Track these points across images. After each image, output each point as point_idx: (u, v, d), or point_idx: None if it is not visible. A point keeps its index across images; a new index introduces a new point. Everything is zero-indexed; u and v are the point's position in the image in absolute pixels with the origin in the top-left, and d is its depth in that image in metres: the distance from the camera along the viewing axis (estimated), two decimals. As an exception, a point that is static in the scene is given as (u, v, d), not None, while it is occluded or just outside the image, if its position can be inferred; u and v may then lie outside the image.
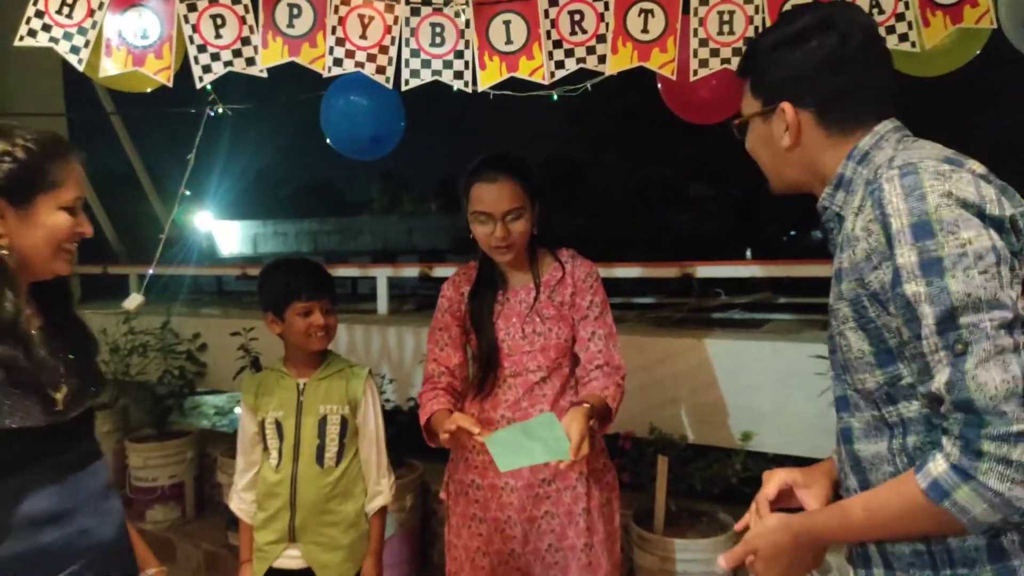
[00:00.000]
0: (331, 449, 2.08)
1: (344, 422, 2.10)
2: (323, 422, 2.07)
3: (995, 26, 1.66)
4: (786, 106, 1.18)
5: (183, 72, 1.91)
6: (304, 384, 2.10)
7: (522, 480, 2.00)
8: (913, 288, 0.98)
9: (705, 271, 3.45)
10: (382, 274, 4.09)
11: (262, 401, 2.12)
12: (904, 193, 1.01)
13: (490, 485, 2.04)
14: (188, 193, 2.85)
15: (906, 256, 0.98)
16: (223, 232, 28.59)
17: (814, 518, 1.17)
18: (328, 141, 2.61)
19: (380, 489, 2.14)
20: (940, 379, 0.96)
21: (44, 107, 4.06)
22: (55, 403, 1.27)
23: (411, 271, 4.11)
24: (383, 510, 2.17)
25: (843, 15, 1.18)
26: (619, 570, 2.13)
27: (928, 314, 0.97)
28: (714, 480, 2.77)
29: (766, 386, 2.83)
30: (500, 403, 2.03)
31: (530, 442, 1.72)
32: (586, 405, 1.83)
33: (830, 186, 1.19)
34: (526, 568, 2.03)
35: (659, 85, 2.34)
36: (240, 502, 2.15)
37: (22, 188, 1.24)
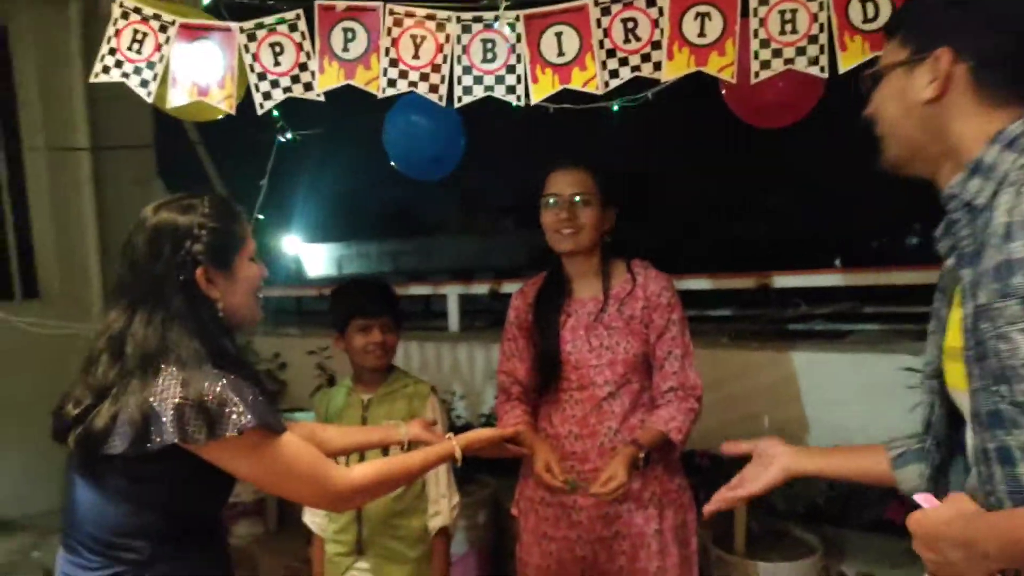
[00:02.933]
0: None
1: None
2: None
3: None
4: (944, 52, 1.06)
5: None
6: (369, 400, 2.12)
7: (592, 499, 1.95)
8: None
9: (782, 281, 3.32)
10: (452, 291, 4.12)
11: (331, 418, 2.16)
12: None
13: (559, 503, 2.01)
14: (261, 218, 2.93)
15: None
16: (310, 254, 29.59)
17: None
18: (391, 162, 2.65)
19: (439, 509, 2.14)
20: None
21: (134, 139, 4.31)
22: None
23: (481, 288, 4.12)
24: (444, 531, 2.15)
25: None
26: None
27: None
28: (797, 499, 2.64)
29: (851, 401, 2.68)
30: (568, 418, 2.01)
31: None
32: (633, 449, 1.85)
33: (964, 171, 1.06)
34: None
35: (723, 91, 2.26)
36: (312, 515, 2.21)
37: (223, 253, 1.35)
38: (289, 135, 2.60)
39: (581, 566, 1.99)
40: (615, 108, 2.49)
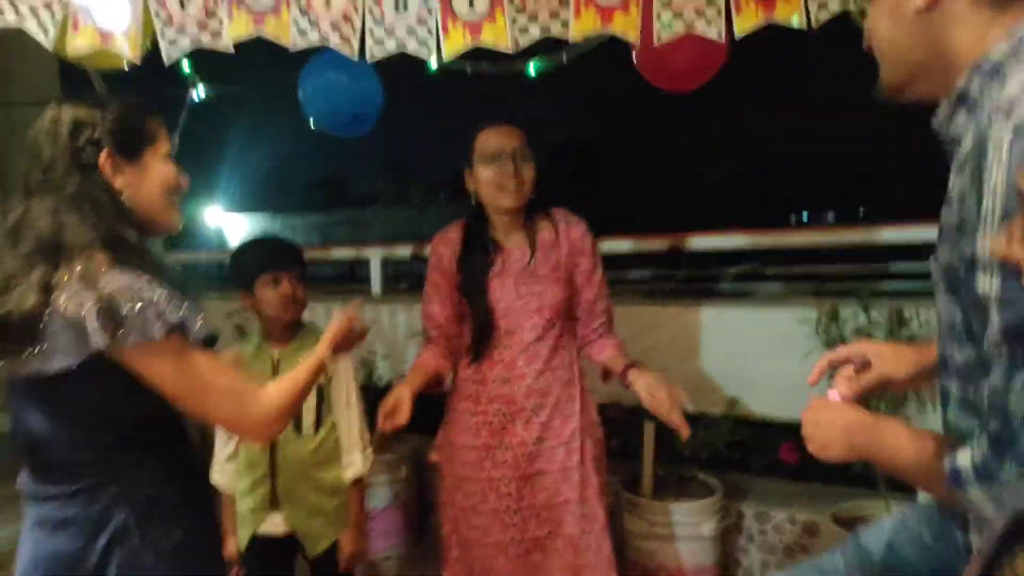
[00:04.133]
0: (308, 418, 2.11)
1: (320, 391, 2.13)
2: None
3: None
4: None
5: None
6: (280, 354, 2.13)
7: (516, 438, 2.05)
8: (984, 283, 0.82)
9: (695, 243, 3.46)
10: (375, 254, 4.13)
11: None
12: (1007, 167, 0.77)
13: (484, 445, 2.07)
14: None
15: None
16: (233, 225, 28.76)
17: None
18: (309, 120, 2.64)
19: (352, 460, 2.17)
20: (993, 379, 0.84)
21: (40, 93, 4.12)
22: None
23: (404, 250, 4.15)
24: (359, 482, 2.19)
25: None
26: (610, 523, 2.14)
27: (996, 320, 0.81)
28: (702, 446, 2.78)
29: (753, 353, 2.84)
30: (495, 363, 2.06)
31: None
32: (640, 369, 1.98)
33: (948, 103, 0.95)
34: (521, 524, 2.06)
35: (634, 56, 2.35)
36: (222, 473, 2.17)
37: (131, 143, 1.31)
38: (201, 91, 2.57)
39: (505, 502, 2.06)
40: (530, 72, 2.54)
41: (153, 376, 1.22)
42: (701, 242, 3.54)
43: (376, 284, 4.10)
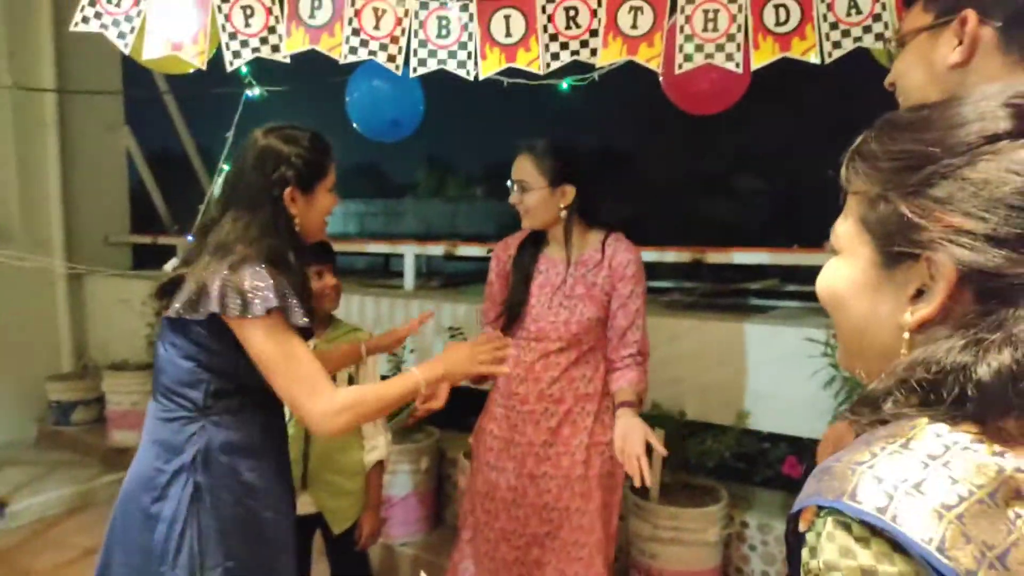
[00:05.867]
0: None
1: (350, 380, 2.29)
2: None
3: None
4: (970, 14, 1.02)
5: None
6: (314, 345, 2.29)
7: (525, 437, 2.17)
8: None
9: (716, 257, 3.55)
10: (409, 250, 4.29)
11: None
12: None
13: (504, 437, 2.21)
14: (227, 168, 3.07)
15: None
16: (274, 211, 29.22)
17: None
18: (353, 123, 2.82)
19: (376, 444, 2.33)
20: None
21: (104, 86, 4.36)
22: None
23: (436, 249, 4.29)
24: (380, 465, 2.35)
25: None
26: (615, 542, 2.23)
27: None
28: (708, 455, 2.89)
29: (765, 369, 2.93)
30: (518, 362, 2.17)
31: None
32: (631, 411, 2.04)
33: None
34: (523, 519, 2.18)
35: (660, 79, 2.47)
36: None
37: (309, 179, 1.62)
38: (256, 91, 2.76)
39: (513, 495, 2.19)
40: (563, 87, 2.68)
41: (246, 342, 1.48)
42: (722, 257, 3.64)
43: (409, 280, 4.26)
